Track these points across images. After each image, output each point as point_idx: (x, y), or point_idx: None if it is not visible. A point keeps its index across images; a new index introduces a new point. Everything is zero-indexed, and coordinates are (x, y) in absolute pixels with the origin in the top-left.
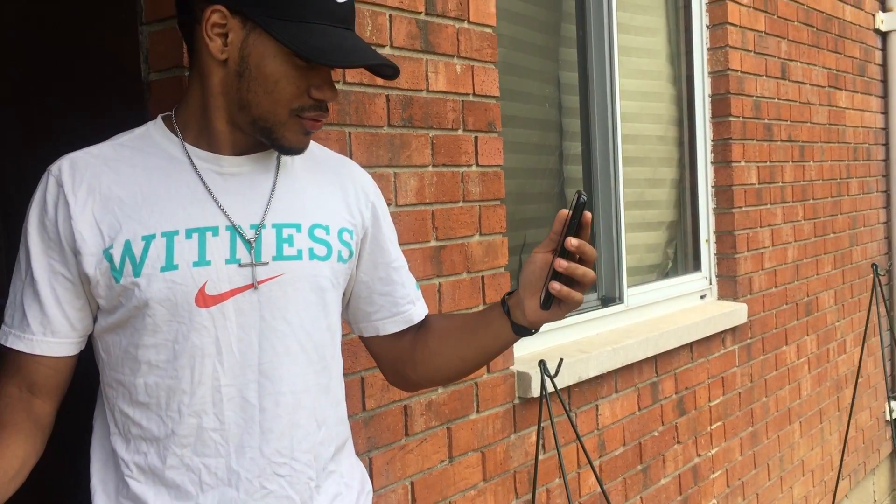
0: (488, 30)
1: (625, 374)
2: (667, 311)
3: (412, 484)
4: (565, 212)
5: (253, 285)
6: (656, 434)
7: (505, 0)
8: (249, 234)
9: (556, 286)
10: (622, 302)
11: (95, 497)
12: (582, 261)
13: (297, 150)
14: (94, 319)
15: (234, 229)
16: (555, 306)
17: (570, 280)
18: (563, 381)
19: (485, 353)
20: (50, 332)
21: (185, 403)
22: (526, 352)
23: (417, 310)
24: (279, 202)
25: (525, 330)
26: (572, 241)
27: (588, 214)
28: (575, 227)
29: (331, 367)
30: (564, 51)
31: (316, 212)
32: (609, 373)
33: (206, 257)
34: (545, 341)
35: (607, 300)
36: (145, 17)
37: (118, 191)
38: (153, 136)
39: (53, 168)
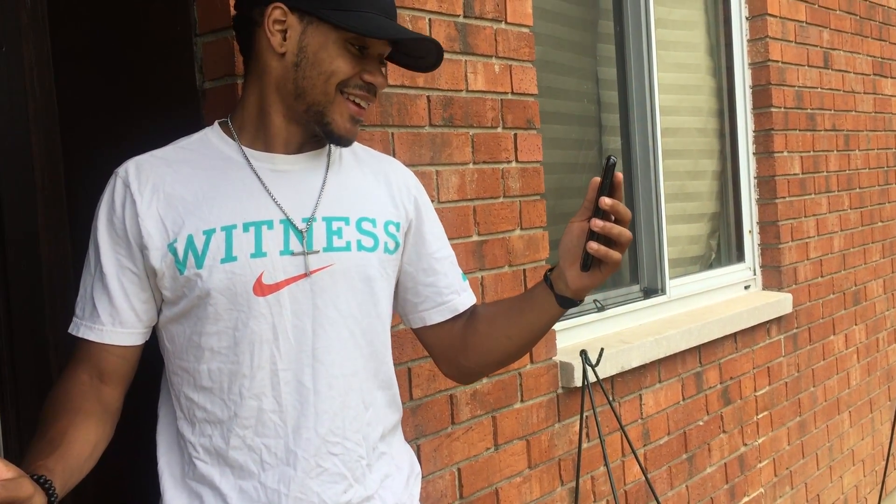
0: (525, 30)
1: (668, 364)
2: (710, 301)
3: (459, 470)
4: (597, 179)
5: (306, 275)
6: (701, 423)
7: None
8: (302, 226)
9: (593, 245)
10: (664, 293)
11: (163, 479)
12: (617, 221)
13: (346, 138)
14: (159, 312)
15: (288, 222)
16: (595, 270)
17: (607, 240)
18: (605, 371)
19: (532, 331)
20: (118, 322)
21: (246, 387)
22: (568, 342)
23: (462, 299)
24: (329, 197)
25: (569, 301)
26: (606, 201)
27: (619, 175)
28: (607, 188)
29: (379, 352)
30: (602, 47)
31: (363, 206)
32: (652, 363)
33: (263, 249)
34: (587, 333)
35: (650, 292)
36: (199, 29)
37: (180, 189)
38: (211, 139)
39: (120, 170)
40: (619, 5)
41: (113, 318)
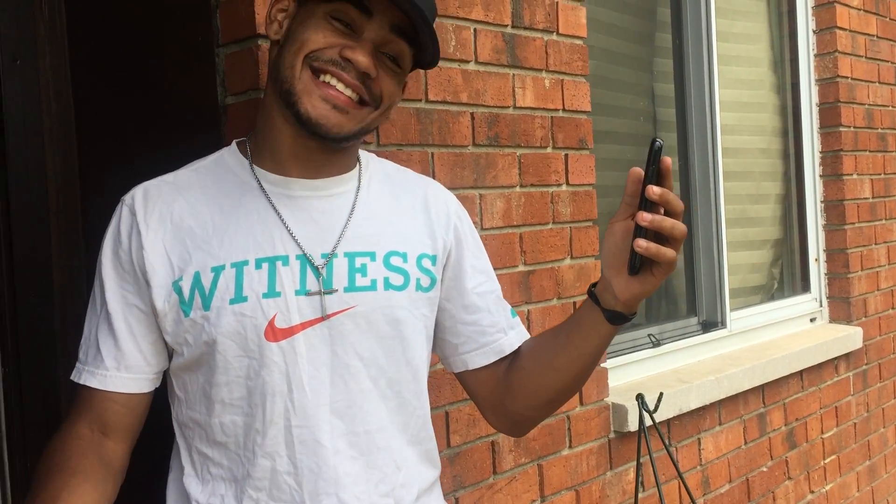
0: (578, 41)
1: (729, 404)
2: (773, 335)
3: None
4: (638, 169)
5: (323, 318)
6: (765, 469)
7: (596, 11)
8: (320, 262)
9: (641, 243)
10: (725, 327)
11: None
12: (668, 214)
13: (321, 124)
14: (170, 356)
15: (305, 258)
16: (647, 273)
17: (658, 237)
18: (662, 414)
19: (581, 358)
20: (124, 367)
21: (259, 444)
22: (622, 381)
23: (510, 339)
24: (354, 229)
25: (620, 316)
26: (654, 189)
27: (668, 160)
28: (654, 175)
29: (410, 405)
30: (660, 61)
31: (393, 238)
32: (712, 404)
33: (276, 288)
34: (641, 370)
35: (709, 325)
36: (222, 38)
37: (189, 220)
38: (227, 161)
39: (127, 197)
40: (679, 17)
41: (118, 362)
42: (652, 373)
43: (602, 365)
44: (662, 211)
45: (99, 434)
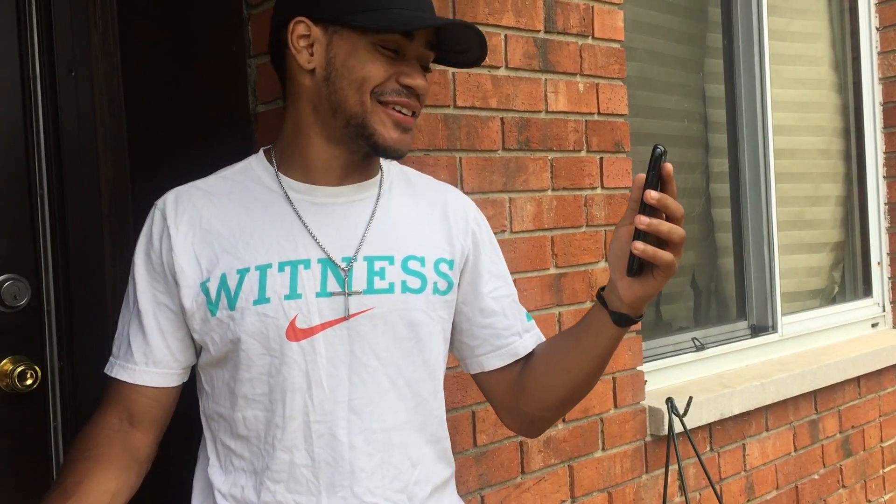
0: (615, 45)
1: (777, 410)
2: (831, 341)
3: None
4: (642, 175)
5: (342, 319)
6: (816, 477)
7: (640, 12)
8: (342, 266)
9: (639, 245)
10: (776, 331)
11: None
12: (669, 219)
13: (395, 148)
14: (198, 353)
15: (327, 262)
16: (648, 276)
17: (658, 241)
18: (702, 418)
19: (591, 359)
20: (152, 362)
21: (278, 438)
22: (661, 385)
23: (524, 342)
24: (374, 234)
25: (626, 318)
26: (652, 194)
27: (669, 166)
28: (655, 181)
29: (427, 404)
30: (710, 62)
31: (411, 243)
32: (758, 409)
33: (297, 290)
34: (683, 374)
35: (758, 329)
36: (253, 49)
37: (217, 224)
38: (254, 168)
39: (160, 202)
40: (729, 17)
41: (147, 357)
42: (694, 377)
43: (638, 368)
44: (664, 216)
45: (127, 424)
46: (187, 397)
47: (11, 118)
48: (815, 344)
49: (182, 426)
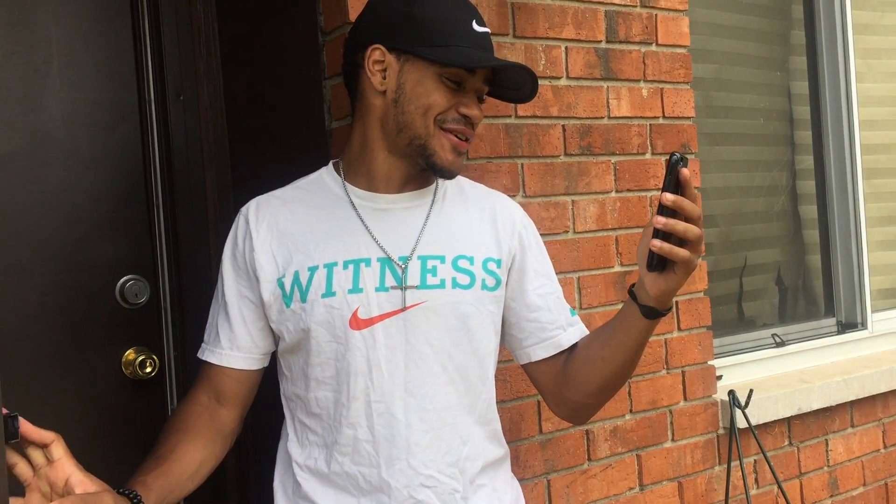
0: (681, 50)
1: (864, 407)
2: None
3: None
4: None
5: (398, 311)
6: None
7: (717, 15)
8: (399, 264)
9: (656, 242)
10: (865, 328)
11: (277, 496)
12: (688, 220)
13: (450, 170)
14: (277, 341)
15: (386, 260)
16: (669, 272)
17: (680, 240)
18: (778, 412)
19: (625, 349)
20: (236, 347)
21: (344, 416)
22: (736, 380)
23: (568, 335)
24: (428, 236)
25: (653, 311)
26: (667, 197)
27: (685, 172)
28: (672, 185)
29: (476, 388)
30: (795, 59)
31: (461, 244)
32: (842, 405)
33: (359, 285)
34: (762, 369)
35: (847, 326)
36: (327, 71)
37: (291, 228)
38: (324, 179)
39: (244, 209)
40: (811, 14)
41: (231, 343)
42: (773, 372)
43: (709, 363)
44: (684, 218)
45: (214, 402)
46: (270, 383)
47: (131, 138)
48: None
49: (266, 407)
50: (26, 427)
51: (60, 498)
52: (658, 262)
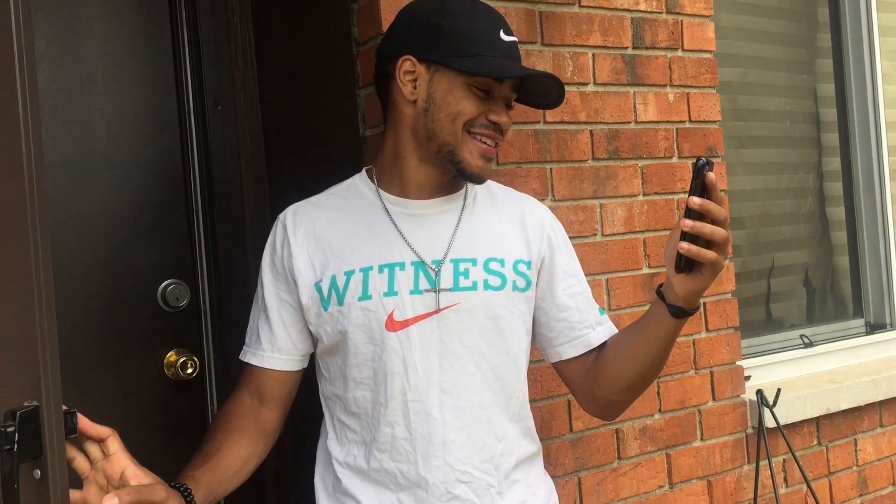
0: (707, 55)
1: (893, 407)
2: None
3: None
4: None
5: (432, 313)
6: None
7: (743, 20)
8: (432, 268)
9: (683, 245)
10: (894, 329)
11: (317, 491)
12: (714, 223)
13: (478, 175)
14: (315, 343)
15: (419, 264)
16: (697, 273)
17: (707, 242)
18: (807, 412)
19: (652, 347)
20: (276, 349)
21: (382, 414)
22: (765, 380)
23: (597, 334)
24: (460, 239)
25: (681, 310)
26: (694, 200)
27: (711, 175)
28: (698, 188)
29: (509, 387)
30: (821, 62)
31: (492, 247)
32: (871, 405)
33: (394, 288)
34: (790, 370)
35: (875, 327)
36: (361, 81)
37: (328, 234)
38: (358, 185)
39: (281, 216)
40: (837, 17)
41: (272, 345)
42: (801, 373)
43: (737, 363)
44: (710, 220)
45: (257, 402)
46: (309, 384)
47: (171, 146)
48: None
49: (304, 407)
50: (84, 422)
51: (116, 489)
52: (686, 264)
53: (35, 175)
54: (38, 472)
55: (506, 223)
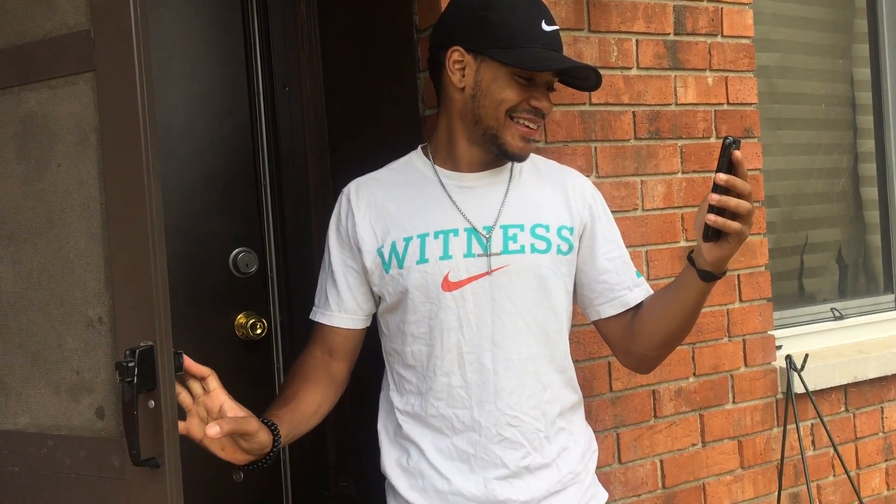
0: (745, 41)
1: None
2: None
3: (661, 461)
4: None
5: (484, 274)
6: None
7: (782, 6)
8: (483, 233)
9: (710, 217)
10: None
11: (381, 437)
12: (740, 196)
13: (519, 155)
14: (377, 304)
15: (471, 230)
16: (724, 242)
17: (733, 214)
18: (835, 380)
19: (684, 308)
20: (343, 309)
21: (438, 366)
22: (795, 350)
23: (634, 294)
24: (508, 207)
25: (709, 275)
26: (720, 176)
27: (737, 153)
28: (725, 166)
29: (554, 340)
30: (857, 47)
31: (538, 213)
32: None
33: (449, 252)
34: (820, 341)
35: None
36: (420, 65)
37: (388, 204)
38: (414, 161)
39: (345, 189)
40: (874, 4)
41: (339, 306)
42: (830, 344)
43: (769, 332)
44: (735, 194)
45: (327, 356)
46: (365, 348)
47: (242, 125)
48: None
49: (364, 366)
50: (188, 362)
51: (215, 420)
52: (713, 234)
53: (151, 160)
54: (153, 402)
55: (550, 193)
